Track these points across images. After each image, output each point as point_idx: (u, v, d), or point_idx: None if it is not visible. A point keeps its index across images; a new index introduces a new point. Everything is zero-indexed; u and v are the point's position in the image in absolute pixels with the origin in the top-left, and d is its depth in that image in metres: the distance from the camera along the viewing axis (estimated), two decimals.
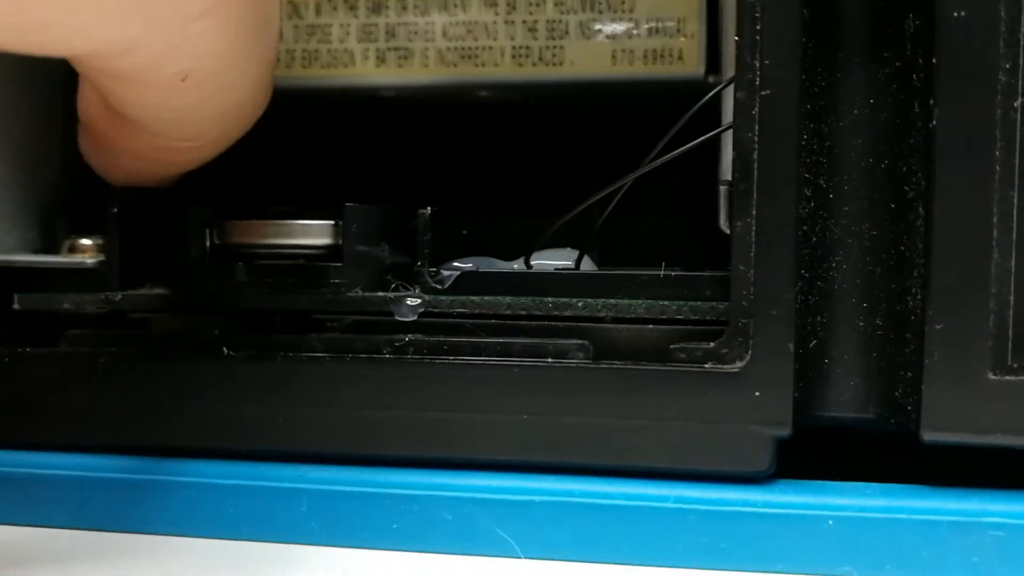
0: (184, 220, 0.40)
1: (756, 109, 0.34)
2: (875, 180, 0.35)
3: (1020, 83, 0.33)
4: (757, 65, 0.34)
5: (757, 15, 0.34)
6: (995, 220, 0.33)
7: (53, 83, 0.44)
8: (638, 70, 0.43)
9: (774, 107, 0.34)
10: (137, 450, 0.38)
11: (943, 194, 0.33)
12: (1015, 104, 0.34)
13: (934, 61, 0.33)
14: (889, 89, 0.35)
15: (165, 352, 0.38)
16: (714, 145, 0.38)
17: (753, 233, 0.34)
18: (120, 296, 0.40)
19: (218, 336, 0.38)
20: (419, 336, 0.37)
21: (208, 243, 0.40)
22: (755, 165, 0.34)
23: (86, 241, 0.41)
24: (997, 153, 0.34)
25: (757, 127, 0.34)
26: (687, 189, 0.42)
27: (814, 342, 0.35)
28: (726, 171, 0.37)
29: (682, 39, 0.43)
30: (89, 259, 0.41)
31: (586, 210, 0.40)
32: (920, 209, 0.34)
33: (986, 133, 0.33)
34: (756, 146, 0.34)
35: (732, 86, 0.35)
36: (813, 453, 0.37)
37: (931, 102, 0.33)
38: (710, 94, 0.37)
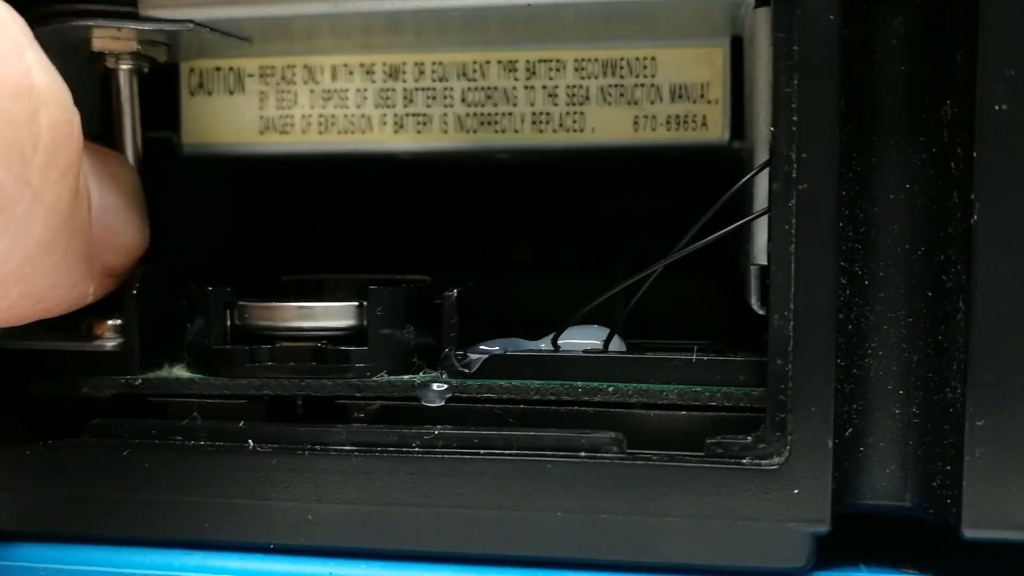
0: (204, 301, 0.39)
1: (793, 202, 0.33)
2: (912, 267, 0.35)
3: None
4: (793, 157, 0.33)
5: (793, 105, 0.33)
6: None
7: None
8: (661, 136, 0.43)
9: (811, 200, 0.33)
10: (163, 544, 0.37)
11: (984, 292, 0.33)
12: None
13: (974, 155, 0.32)
14: (926, 175, 0.34)
15: (190, 445, 0.37)
16: (737, 202, 0.38)
17: (791, 327, 0.33)
18: (140, 380, 0.39)
19: (243, 428, 0.37)
20: (448, 429, 0.36)
21: (229, 324, 0.39)
22: (792, 258, 0.33)
23: (104, 322, 0.40)
24: None
25: (794, 220, 0.33)
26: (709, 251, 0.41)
27: (850, 430, 0.35)
28: (758, 255, 0.36)
29: (706, 105, 0.42)
30: (108, 342, 0.39)
31: (613, 282, 0.39)
32: (960, 302, 0.33)
33: None
34: (793, 239, 0.33)
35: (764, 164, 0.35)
36: (847, 538, 0.36)
37: (972, 196, 0.32)
38: (740, 182, 0.36)
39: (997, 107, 0.32)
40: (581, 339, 0.40)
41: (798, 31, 0.34)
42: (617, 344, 0.40)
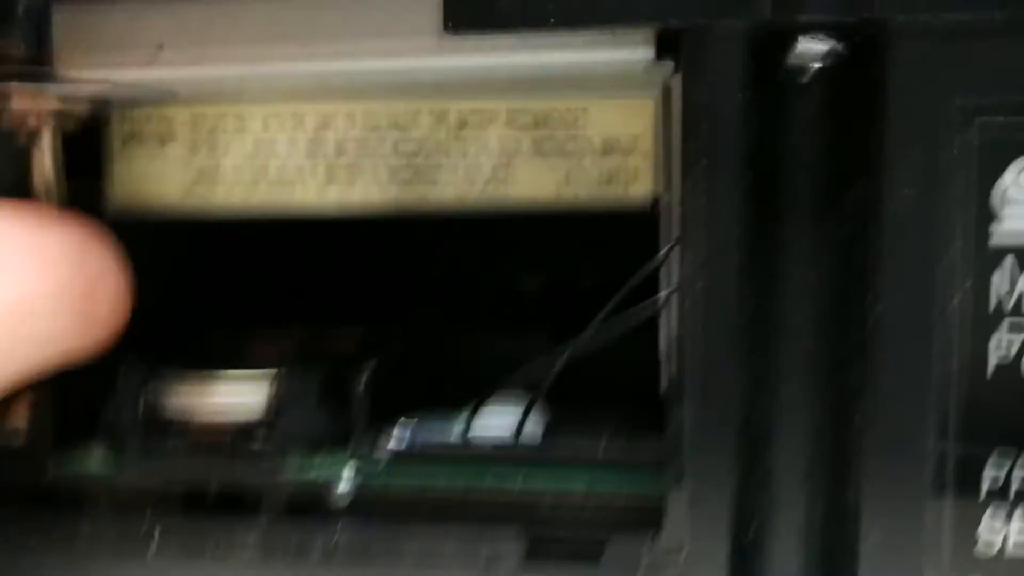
0: (118, 379, 0.39)
1: (700, 291, 0.34)
2: (815, 362, 0.34)
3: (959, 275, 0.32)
4: (703, 239, 0.34)
5: (701, 186, 0.33)
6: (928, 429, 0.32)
7: None
8: (591, 190, 0.41)
9: (715, 286, 0.34)
10: None
11: (873, 405, 0.33)
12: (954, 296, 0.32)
13: (875, 253, 0.32)
14: (832, 264, 0.33)
15: (91, 549, 0.36)
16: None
17: (691, 434, 0.34)
18: (51, 470, 0.38)
19: (146, 527, 0.36)
20: (350, 534, 0.36)
21: (142, 404, 0.39)
22: (700, 344, 0.34)
23: (16, 403, 0.40)
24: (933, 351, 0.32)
25: (697, 306, 0.34)
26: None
27: (752, 530, 0.34)
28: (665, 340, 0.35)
29: (637, 158, 0.40)
30: (20, 427, 0.39)
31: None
32: (858, 404, 0.32)
33: (927, 327, 0.32)
34: (698, 326, 0.34)
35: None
36: None
37: (875, 289, 0.32)
38: (650, 267, 0.35)
39: (904, 194, 0.32)
40: (504, 411, 0.39)
41: (706, 106, 0.33)
42: (538, 417, 0.38)
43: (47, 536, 0.38)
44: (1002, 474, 0.32)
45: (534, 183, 0.42)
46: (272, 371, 0.39)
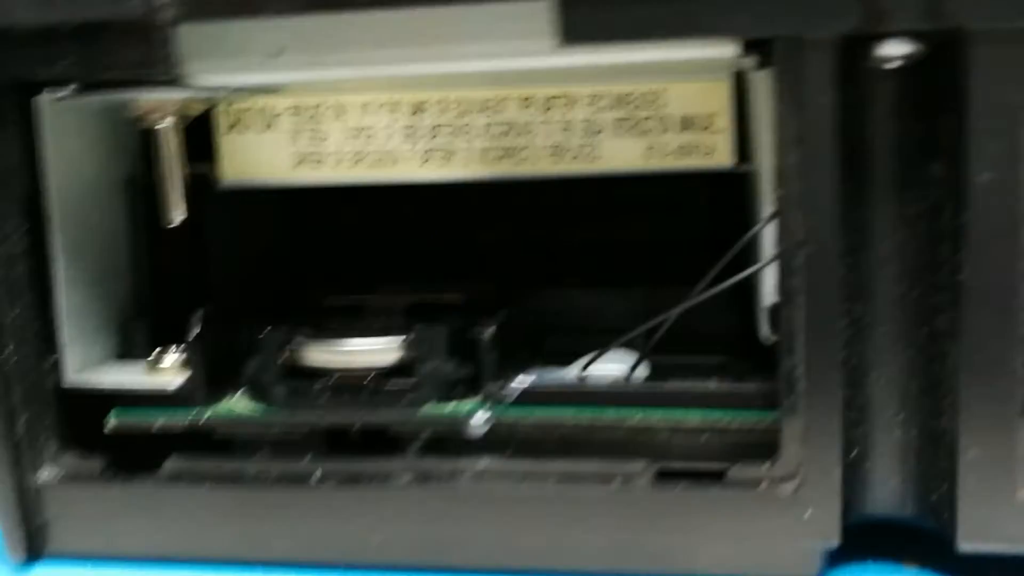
0: (260, 342, 0.43)
1: (800, 260, 0.38)
2: (907, 309, 0.39)
3: None
4: (800, 220, 0.37)
5: (796, 176, 0.37)
6: (1017, 362, 0.37)
7: (118, 194, 0.48)
8: (670, 164, 0.46)
9: (818, 257, 0.38)
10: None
11: (968, 347, 0.38)
12: None
13: (962, 220, 0.37)
14: (917, 228, 0.38)
15: (259, 483, 0.41)
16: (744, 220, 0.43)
17: (802, 375, 0.38)
18: (207, 417, 0.43)
19: (308, 465, 0.41)
20: (494, 462, 0.41)
21: (283, 361, 0.44)
22: (804, 313, 0.38)
23: (169, 357, 0.44)
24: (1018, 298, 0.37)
25: (803, 275, 0.38)
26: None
27: (855, 451, 0.39)
28: (767, 296, 0.40)
29: (713, 134, 0.46)
30: (174, 380, 0.44)
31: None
32: (951, 345, 0.37)
33: (1012, 291, 0.37)
34: (802, 290, 0.38)
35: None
36: (855, 538, 0.40)
37: (959, 255, 0.37)
38: (751, 233, 0.40)
39: (981, 177, 0.36)
40: (610, 362, 0.44)
41: (798, 105, 0.38)
42: (641, 364, 0.44)
43: (211, 472, 0.42)
44: None
45: (618, 158, 0.47)
46: (404, 325, 0.43)
